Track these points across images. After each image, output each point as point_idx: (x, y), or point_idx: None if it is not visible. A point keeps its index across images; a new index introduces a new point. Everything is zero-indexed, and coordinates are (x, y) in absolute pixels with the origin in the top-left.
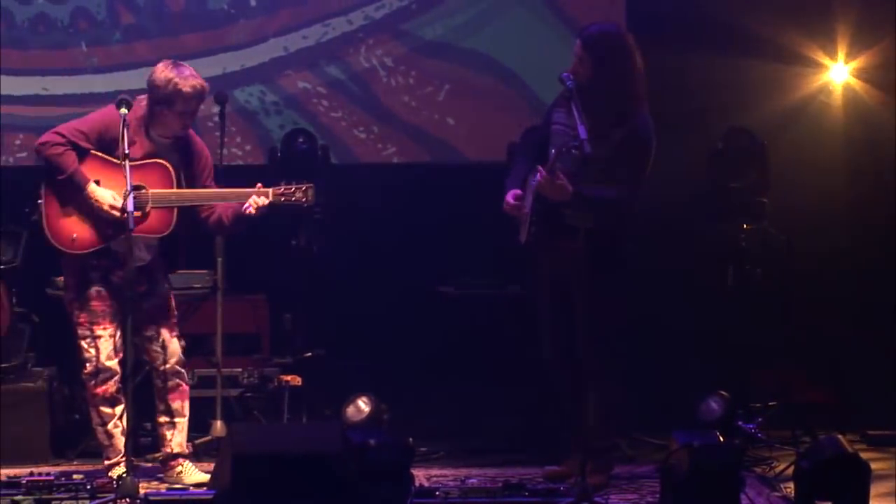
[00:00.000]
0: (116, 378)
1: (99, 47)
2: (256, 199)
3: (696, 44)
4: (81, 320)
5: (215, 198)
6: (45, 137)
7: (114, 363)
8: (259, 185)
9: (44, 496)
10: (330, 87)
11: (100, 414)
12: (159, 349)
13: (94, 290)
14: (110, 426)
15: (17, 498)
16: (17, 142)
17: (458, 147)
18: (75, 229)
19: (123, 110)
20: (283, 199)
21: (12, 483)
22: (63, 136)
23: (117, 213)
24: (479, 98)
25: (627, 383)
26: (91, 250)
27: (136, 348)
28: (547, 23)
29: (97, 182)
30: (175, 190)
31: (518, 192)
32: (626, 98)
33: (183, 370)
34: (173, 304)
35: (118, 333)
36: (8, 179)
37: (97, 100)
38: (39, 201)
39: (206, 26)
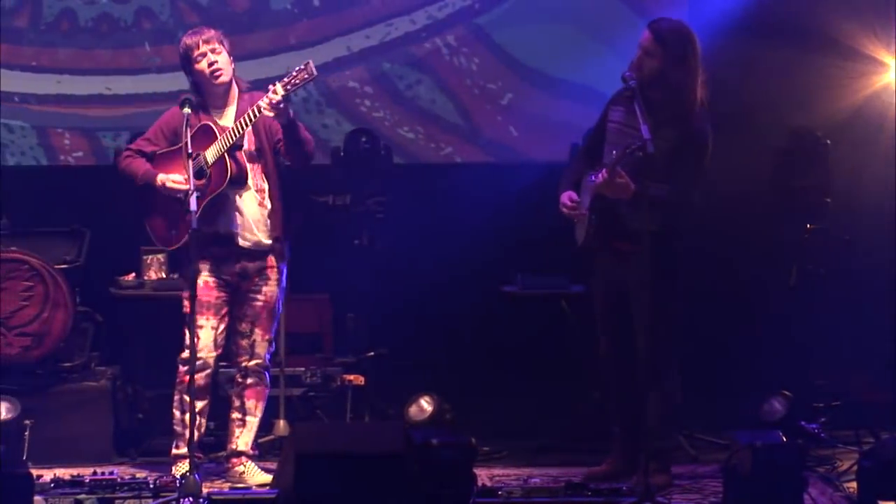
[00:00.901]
0: (208, 371)
1: (162, 47)
2: (270, 96)
3: (757, 40)
4: (186, 307)
5: (242, 125)
6: (119, 157)
7: (209, 356)
8: (270, 86)
9: (107, 495)
10: (389, 86)
11: (182, 401)
12: (247, 346)
13: (201, 280)
14: (188, 416)
15: (80, 497)
16: (75, 141)
17: (523, 147)
18: (171, 225)
19: (186, 110)
20: (290, 86)
21: (76, 482)
22: (129, 148)
23: (183, 187)
24: (541, 97)
25: (687, 383)
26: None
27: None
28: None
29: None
30: (217, 140)
31: (573, 193)
32: (686, 97)
33: (265, 372)
34: (278, 307)
35: (221, 327)
36: (72, 179)
37: (160, 100)
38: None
39: (270, 26)
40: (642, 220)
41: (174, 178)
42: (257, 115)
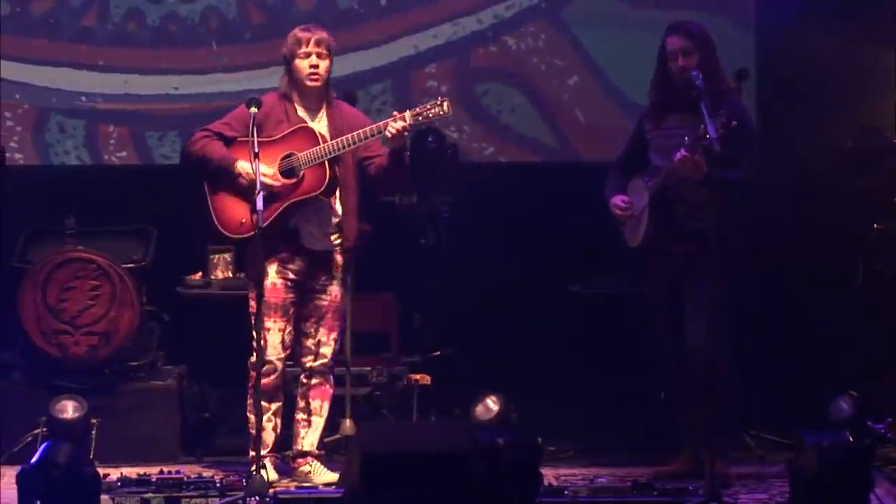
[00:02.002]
0: (278, 373)
1: (229, 46)
2: (394, 124)
3: (825, 38)
4: (253, 307)
5: (358, 139)
6: (192, 137)
7: (278, 358)
8: (395, 112)
9: (174, 494)
10: (457, 85)
11: (254, 404)
12: (312, 346)
13: (269, 281)
14: (263, 419)
15: (147, 496)
16: (145, 141)
17: (589, 147)
18: (241, 215)
19: (253, 109)
20: (420, 117)
21: (143, 481)
22: (208, 129)
23: (271, 182)
24: (606, 100)
25: (754, 383)
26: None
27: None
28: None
29: None
30: (321, 145)
31: (623, 196)
32: (725, 84)
33: (329, 372)
34: (344, 306)
35: (288, 328)
36: (141, 179)
37: (226, 99)
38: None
39: (336, 26)
40: (698, 221)
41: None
42: (373, 135)
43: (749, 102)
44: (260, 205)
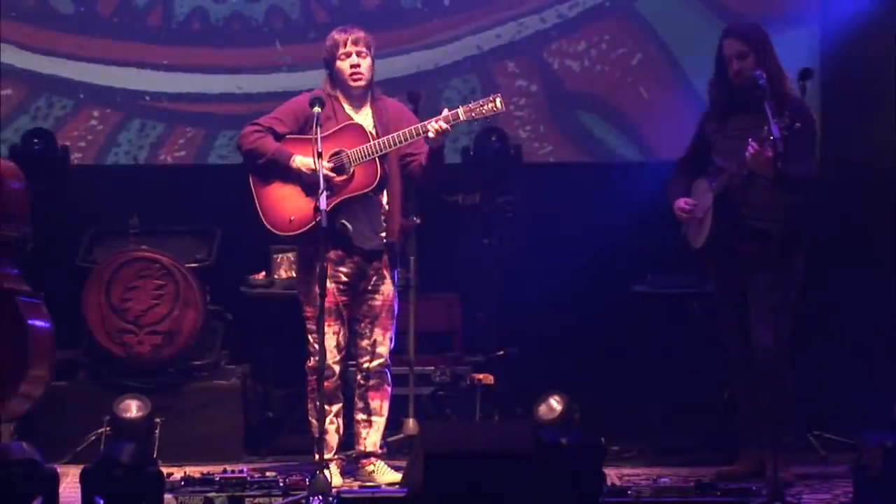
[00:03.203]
0: (336, 376)
1: (293, 46)
2: (435, 124)
3: (886, 35)
4: (308, 314)
5: (409, 136)
6: (242, 132)
7: (335, 361)
8: (447, 110)
9: (236, 493)
10: (519, 85)
11: (315, 408)
12: (368, 347)
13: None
14: (325, 423)
15: (210, 495)
16: (208, 140)
17: (653, 145)
18: (291, 211)
19: (317, 109)
20: (473, 114)
21: (206, 480)
22: (259, 123)
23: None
24: (673, 99)
25: (817, 383)
26: (310, 227)
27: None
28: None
29: None
30: (371, 142)
31: (687, 198)
32: (784, 86)
33: (387, 371)
34: (395, 305)
35: (342, 331)
36: (201, 178)
37: (290, 98)
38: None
39: (401, 25)
40: (763, 220)
41: (311, 164)
42: (423, 132)
43: (812, 103)
44: (324, 203)
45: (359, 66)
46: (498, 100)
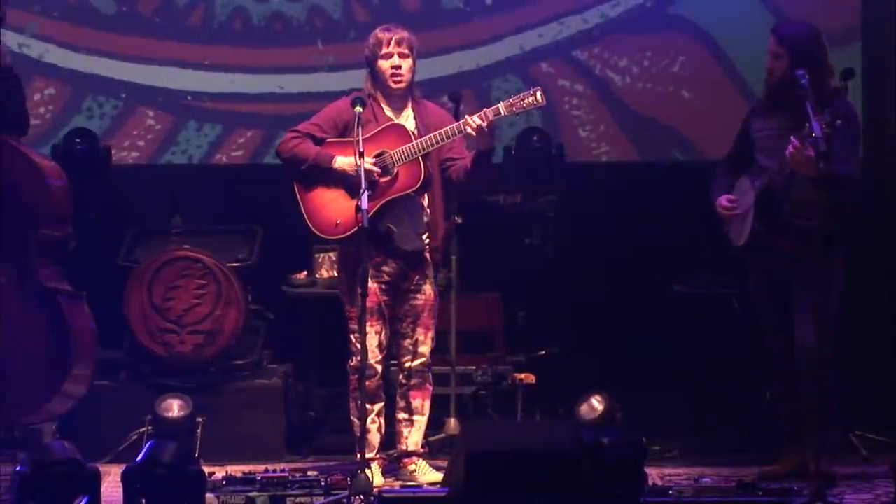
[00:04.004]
0: (378, 376)
1: (334, 45)
2: (474, 119)
3: None
4: (351, 314)
5: (452, 133)
6: (281, 139)
7: (376, 361)
8: (485, 110)
9: (278, 493)
10: (561, 84)
11: (357, 408)
12: (409, 346)
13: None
14: (367, 422)
15: (252, 494)
16: (250, 139)
17: (694, 145)
18: (336, 214)
19: (358, 108)
20: (514, 108)
21: (248, 479)
22: (297, 130)
23: (371, 169)
24: (715, 98)
25: (859, 382)
26: (355, 230)
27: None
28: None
29: None
30: (414, 142)
31: (729, 196)
32: (825, 87)
33: (428, 370)
34: (436, 304)
35: (384, 331)
36: (243, 177)
37: (331, 98)
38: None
39: (442, 25)
40: (805, 219)
41: (353, 163)
42: (463, 130)
43: (855, 102)
44: (365, 203)
45: (400, 67)
46: (538, 93)
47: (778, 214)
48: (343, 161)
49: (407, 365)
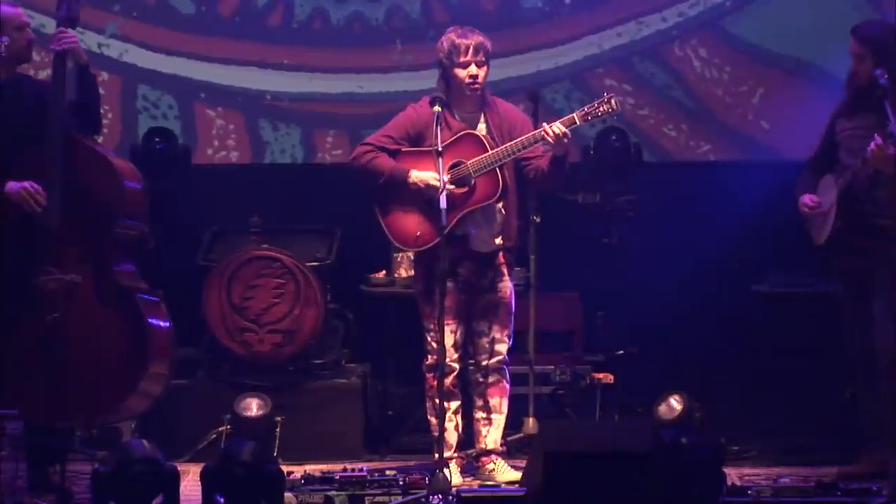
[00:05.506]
0: (454, 374)
1: (413, 46)
2: (547, 129)
3: None
4: (427, 313)
5: (527, 143)
6: (354, 152)
7: (453, 360)
8: (560, 119)
9: (357, 491)
10: (640, 84)
11: (434, 406)
12: (486, 345)
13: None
14: (444, 421)
15: (330, 493)
16: (331, 139)
17: (773, 145)
18: (416, 227)
19: (437, 108)
20: (589, 117)
21: (326, 479)
22: (370, 143)
23: (447, 185)
24: (793, 96)
25: None
26: (438, 240)
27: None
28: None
29: None
30: (490, 152)
31: (812, 195)
32: None
33: (506, 368)
34: (513, 302)
35: (460, 329)
36: (321, 177)
37: (410, 98)
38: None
39: (520, 25)
40: (886, 218)
41: (429, 177)
42: (540, 138)
43: None
44: (444, 203)
45: (477, 76)
46: (613, 100)
47: (859, 213)
48: (417, 176)
49: (484, 363)
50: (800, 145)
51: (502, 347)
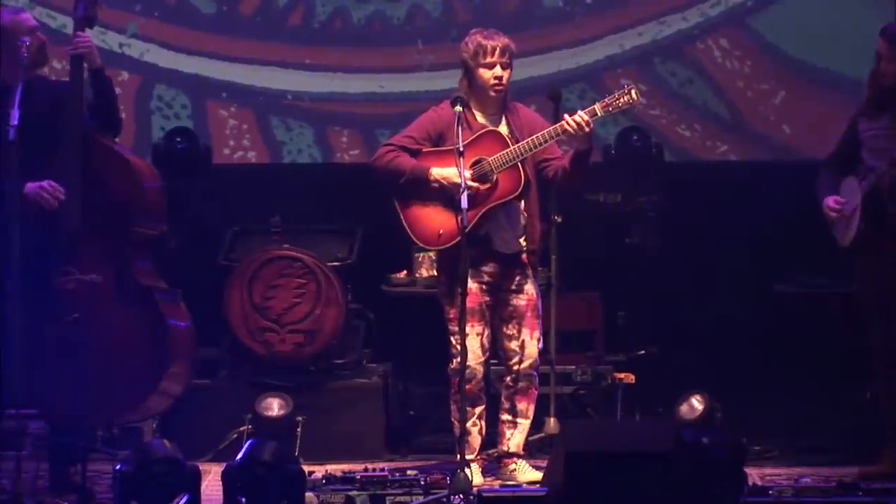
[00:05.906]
0: (479, 378)
1: (434, 45)
2: (568, 119)
3: None
4: (451, 316)
5: (549, 136)
6: (376, 153)
7: (477, 364)
8: (579, 112)
9: (378, 491)
10: (659, 84)
11: (458, 410)
12: (517, 349)
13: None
14: (468, 424)
15: (351, 493)
16: (346, 139)
17: (795, 145)
18: (438, 225)
19: (458, 108)
20: (609, 108)
21: (347, 478)
22: (391, 143)
23: (469, 182)
24: (815, 98)
25: None
26: (458, 240)
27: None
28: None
29: None
30: (511, 147)
31: (837, 197)
32: None
33: (535, 373)
34: (540, 304)
35: (486, 332)
36: (342, 177)
37: (432, 98)
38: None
39: (542, 24)
40: None
41: (451, 174)
42: (561, 131)
43: None
44: (465, 202)
45: (501, 77)
46: (633, 91)
47: (885, 215)
48: (439, 173)
49: (515, 367)
50: (819, 145)
51: (533, 350)
